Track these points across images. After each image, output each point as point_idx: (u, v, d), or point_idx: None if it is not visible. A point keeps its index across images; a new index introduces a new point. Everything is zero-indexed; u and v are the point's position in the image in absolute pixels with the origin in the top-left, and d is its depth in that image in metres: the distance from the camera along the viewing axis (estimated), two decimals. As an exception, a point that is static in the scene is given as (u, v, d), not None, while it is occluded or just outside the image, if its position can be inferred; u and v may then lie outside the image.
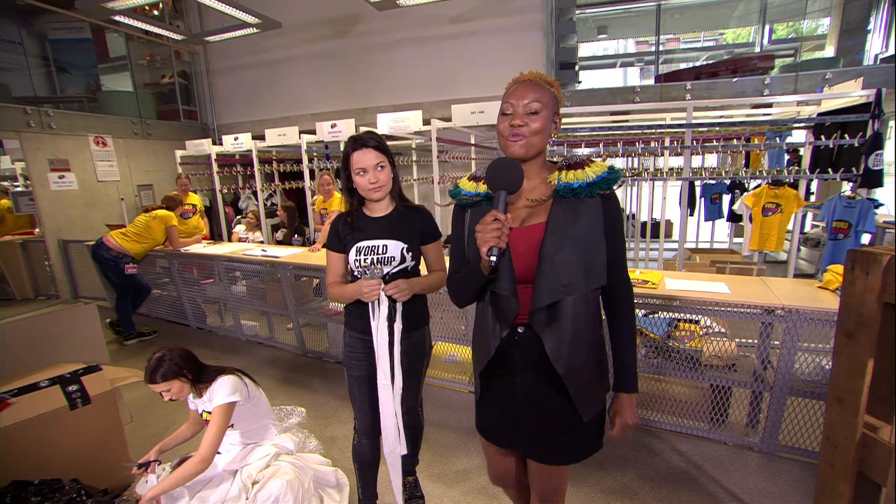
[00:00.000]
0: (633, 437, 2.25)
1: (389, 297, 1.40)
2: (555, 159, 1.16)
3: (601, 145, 3.72)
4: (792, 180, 3.36)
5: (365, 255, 1.44)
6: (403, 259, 1.45)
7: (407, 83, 5.84)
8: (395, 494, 1.55)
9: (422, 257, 1.55)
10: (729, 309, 2.04)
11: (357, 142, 1.40)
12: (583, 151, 3.90)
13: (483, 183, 1.09)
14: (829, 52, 5.63)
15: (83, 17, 5.67)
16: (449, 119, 3.94)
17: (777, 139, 3.92)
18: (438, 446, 2.22)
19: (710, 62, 6.50)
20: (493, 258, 0.91)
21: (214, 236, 5.64)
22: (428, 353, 1.62)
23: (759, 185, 3.54)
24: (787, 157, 4.87)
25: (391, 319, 1.42)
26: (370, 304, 1.41)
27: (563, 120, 4.48)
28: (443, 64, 5.63)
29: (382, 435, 1.50)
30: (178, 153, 5.75)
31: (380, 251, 1.44)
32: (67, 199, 5.26)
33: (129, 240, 3.63)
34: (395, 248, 1.44)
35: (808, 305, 1.89)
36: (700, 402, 2.21)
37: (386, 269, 1.44)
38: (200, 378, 1.68)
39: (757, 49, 6.83)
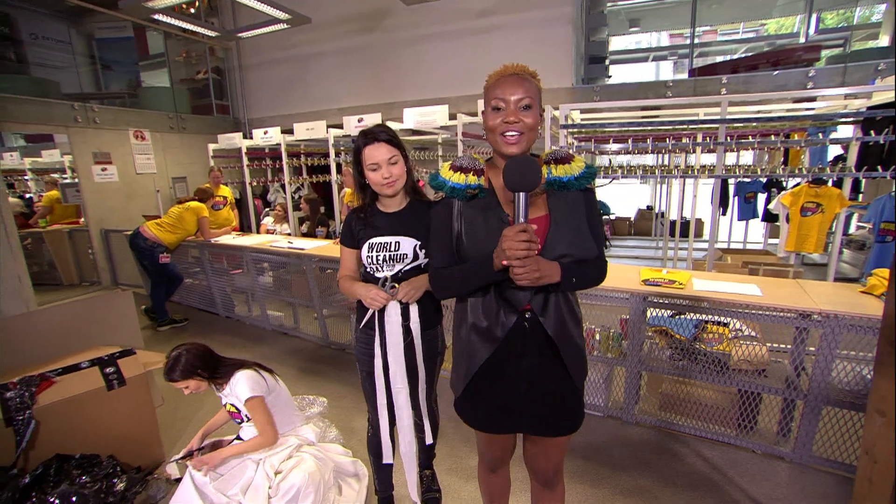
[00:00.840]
0: (655, 440, 2.20)
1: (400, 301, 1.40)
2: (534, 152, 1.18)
3: (630, 141, 3.61)
4: (835, 178, 3.18)
5: (377, 251, 1.42)
6: (416, 256, 1.43)
7: (434, 78, 5.84)
8: (409, 489, 1.56)
9: None
10: (760, 312, 1.95)
11: (368, 136, 1.36)
12: (611, 147, 3.80)
13: (473, 174, 1.10)
14: (884, 41, 5.26)
15: (126, 17, 5.91)
16: (475, 114, 3.92)
17: (820, 135, 3.72)
18: (456, 441, 2.23)
19: (750, 55, 6.20)
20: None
21: (244, 228, 5.82)
22: (441, 353, 1.60)
23: (798, 184, 3.37)
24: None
25: (406, 321, 1.42)
26: (374, 312, 1.42)
27: (592, 115, 4.42)
28: (470, 58, 5.60)
29: (399, 433, 1.50)
30: (211, 146, 5.94)
31: (392, 248, 1.41)
32: (109, 190, 5.53)
33: (164, 230, 3.79)
34: (407, 244, 1.42)
35: (849, 311, 1.79)
36: (727, 407, 2.14)
37: (398, 267, 1.42)
38: (216, 375, 1.75)
39: (802, 40, 6.47)
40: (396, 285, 1.37)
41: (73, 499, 1.59)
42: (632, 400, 2.31)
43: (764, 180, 4.28)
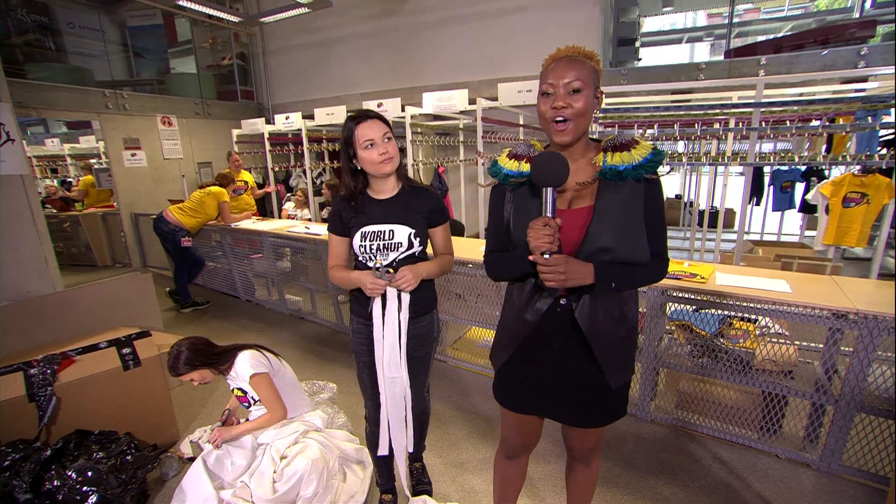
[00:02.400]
0: (670, 439, 2.12)
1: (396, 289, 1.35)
2: (596, 137, 1.13)
3: (655, 126, 3.43)
4: (884, 166, 2.93)
5: (371, 240, 1.38)
6: (411, 245, 1.39)
7: (455, 62, 5.71)
8: (401, 481, 1.55)
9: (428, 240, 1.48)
10: (787, 309, 1.82)
11: (359, 116, 1.35)
12: (636, 133, 3.63)
13: (525, 162, 1.11)
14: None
15: (155, 4, 6.01)
16: (496, 98, 3.80)
17: (870, 119, 3.43)
18: (466, 432, 2.20)
19: (794, 33, 5.76)
20: (547, 256, 0.96)
21: (266, 213, 5.91)
22: (436, 338, 1.57)
23: (841, 172, 3.13)
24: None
25: (398, 310, 1.38)
26: (372, 298, 1.37)
27: (618, 100, 4.22)
28: (492, 42, 5.43)
29: (390, 426, 1.47)
30: (235, 132, 6.03)
31: (386, 237, 1.37)
32: (138, 175, 5.71)
33: (185, 214, 3.88)
34: (402, 233, 1.37)
35: (891, 312, 1.64)
36: (749, 408, 2.03)
37: (392, 256, 1.38)
38: (216, 362, 1.78)
39: (856, 15, 5.95)
40: (391, 270, 1.33)
41: (89, 473, 1.65)
42: (647, 396, 2.22)
43: (803, 168, 4.00)
